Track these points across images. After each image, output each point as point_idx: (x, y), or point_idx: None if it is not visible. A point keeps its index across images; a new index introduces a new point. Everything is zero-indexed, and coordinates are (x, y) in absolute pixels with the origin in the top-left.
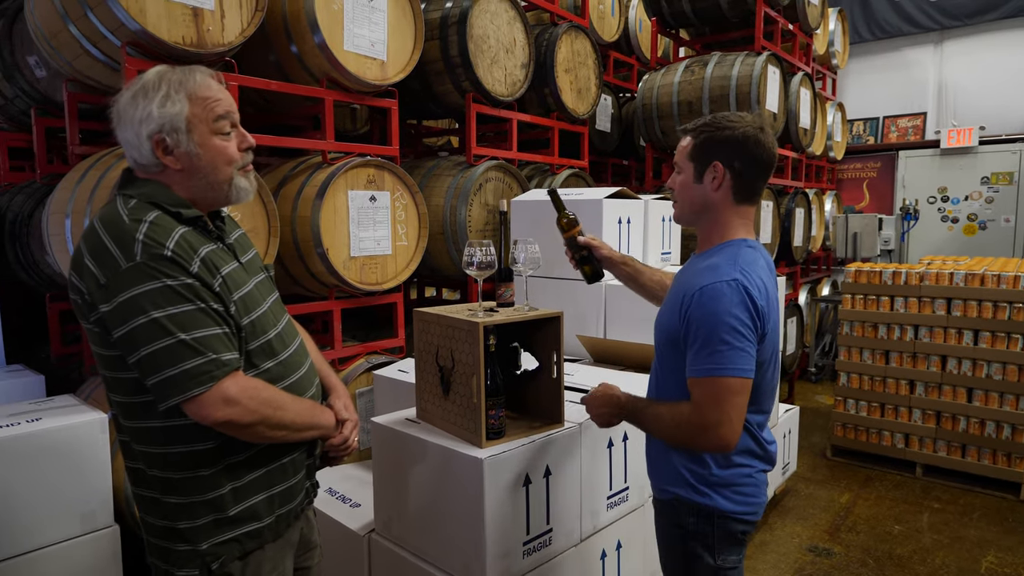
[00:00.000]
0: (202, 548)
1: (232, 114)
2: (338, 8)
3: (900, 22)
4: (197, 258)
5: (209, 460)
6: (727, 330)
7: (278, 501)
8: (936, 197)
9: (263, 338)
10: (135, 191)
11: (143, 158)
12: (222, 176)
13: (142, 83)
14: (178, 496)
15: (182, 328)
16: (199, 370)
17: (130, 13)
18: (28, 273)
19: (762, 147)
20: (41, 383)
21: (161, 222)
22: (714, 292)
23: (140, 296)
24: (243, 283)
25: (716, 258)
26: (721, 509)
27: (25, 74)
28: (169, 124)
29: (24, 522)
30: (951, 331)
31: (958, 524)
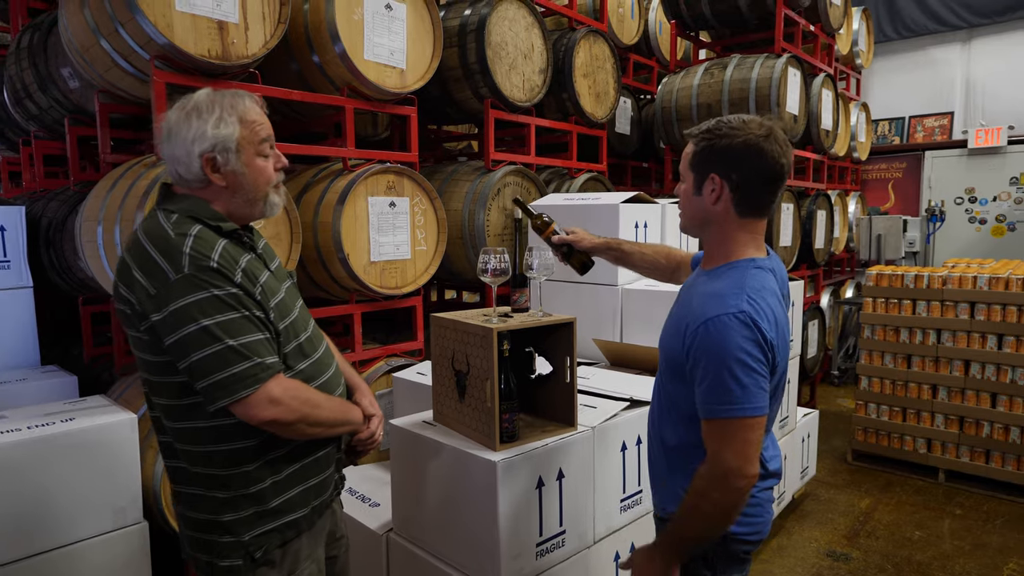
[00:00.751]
0: (245, 539)
1: (271, 137)
2: (358, 18)
3: (927, 20)
4: (239, 268)
5: (251, 457)
6: (739, 367)
7: (313, 493)
8: (963, 198)
9: (296, 341)
10: (175, 206)
11: (189, 174)
12: (260, 193)
13: (194, 103)
14: (223, 491)
15: (229, 335)
16: (246, 374)
17: (158, 28)
18: (62, 277)
19: (764, 157)
20: (74, 384)
21: (204, 235)
22: (721, 327)
23: (190, 305)
24: (276, 290)
25: (722, 283)
26: None
27: (59, 85)
28: (222, 144)
29: (58, 517)
30: (975, 335)
31: (980, 531)
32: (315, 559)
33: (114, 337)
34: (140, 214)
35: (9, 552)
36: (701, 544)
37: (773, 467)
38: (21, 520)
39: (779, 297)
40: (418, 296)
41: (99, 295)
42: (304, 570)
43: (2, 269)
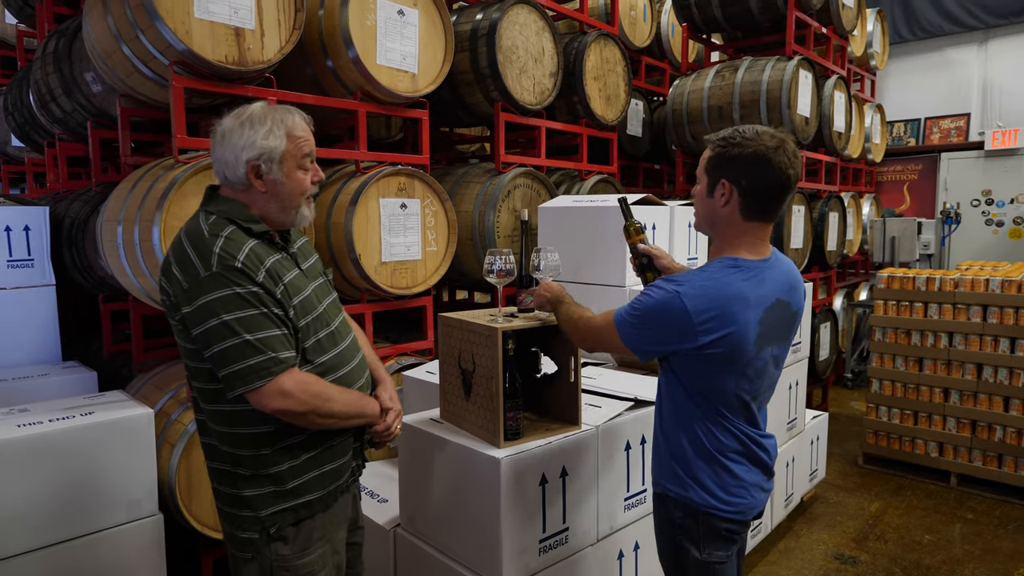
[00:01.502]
0: (262, 515)
1: (313, 153)
2: (371, 24)
3: (942, 21)
4: (263, 269)
5: (270, 441)
6: (642, 317)
7: (328, 478)
8: (980, 200)
9: (317, 335)
10: (215, 208)
11: (234, 176)
12: (294, 203)
13: (249, 114)
14: (244, 469)
15: (247, 330)
16: (260, 366)
17: (177, 35)
18: (83, 275)
19: (772, 168)
20: (94, 379)
21: (235, 236)
22: (662, 292)
23: (214, 301)
24: (302, 288)
25: (693, 272)
26: (701, 504)
27: (82, 89)
28: (268, 155)
29: (75, 508)
30: (987, 338)
31: (992, 536)
32: (329, 540)
33: (133, 334)
34: (159, 215)
35: (28, 541)
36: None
37: (762, 455)
38: (40, 510)
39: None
40: (428, 296)
41: (118, 293)
42: (316, 549)
43: (26, 267)
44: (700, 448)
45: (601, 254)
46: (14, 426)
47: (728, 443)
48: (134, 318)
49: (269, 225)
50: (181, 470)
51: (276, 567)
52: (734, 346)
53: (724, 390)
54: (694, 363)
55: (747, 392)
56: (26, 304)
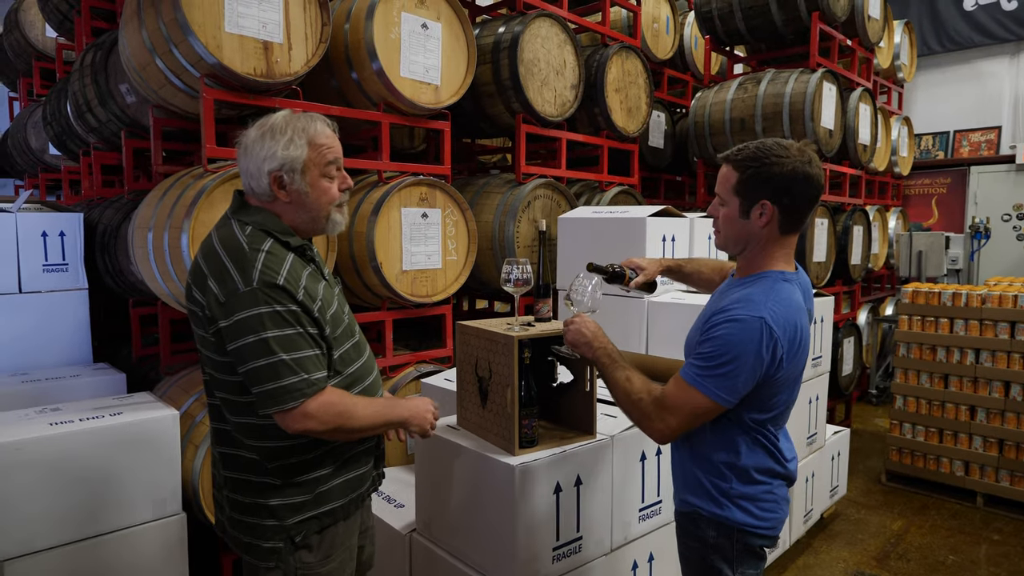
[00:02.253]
0: (288, 523)
1: (339, 159)
2: (395, 37)
3: (972, 33)
4: (301, 286)
5: (299, 451)
6: (734, 361)
7: (351, 486)
8: (1011, 215)
9: (345, 346)
10: (249, 218)
11: (259, 188)
12: (323, 212)
13: (271, 124)
14: (272, 478)
15: (284, 349)
16: (294, 387)
17: (208, 48)
18: (114, 280)
19: (811, 182)
20: (122, 381)
21: (275, 251)
22: (741, 324)
23: (252, 318)
24: (331, 301)
25: (751, 289)
26: (740, 523)
27: (117, 100)
28: (289, 165)
29: (103, 505)
30: (1015, 356)
31: (1019, 557)
32: (348, 547)
33: (160, 338)
34: (188, 222)
35: (57, 536)
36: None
37: (791, 468)
38: (69, 507)
39: (802, 309)
40: (448, 305)
41: (148, 298)
42: (337, 556)
43: (60, 271)
44: (739, 467)
45: None
46: (46, 424)
47: (764, 460)
48: (162, 322)
49: (300, 235)
50: (205, 470)
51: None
52: (803, 360)
53: (777, 406)
54: (763, 386)
55: (791, 405)
56: (60, 307)
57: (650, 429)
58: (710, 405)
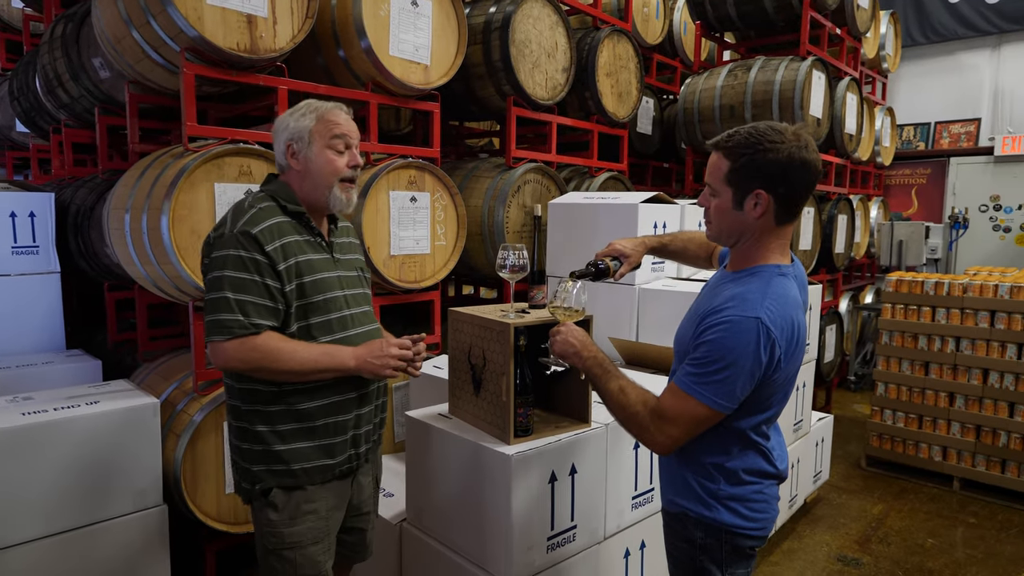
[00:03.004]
0: (253, 469)
1: (347, 137)
2: (385, 14)
3: (956, 25)
4: (278, 242)
5: (265, 400)
6: (731, 366)
7: (318, 453)
8: (988, 206)
9: (324, 317)
10: (267, 187)
11: (281, 159)
12: (325, 182)
13: (296, 107)
14: (243, 422)
15: (232, 289)
16: (226, 323)
17: (189, 20)
18: (88, 263)
19: (808, 168)
20: (98, 368)
21: (267, 209)
22: (736, 326)
23: (221, 257)
24: (320, 270)
25: (746, 287)
26: (729, 524)
27: (90, 75)
28: (297, 134)
29: (80, 498)
30: (994, 344)
31: (994, 540)
32: (325, 518)
33: (138, 323)
34: (168, 203)
35: (33, 529)
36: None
37: (781, 467)
38: (45, 499)
39: (799, 304)
40: (436, 291)
41: (124, 281)
42: (305, 520)
43: (31, 254)
44: (728, 468)
45: None
46: (18, 414)
47: (755, 461)
48: (139, 307)
49: (309, 206)
50: (186, 461)
51: (265, 532)
52: (800, 357)
53: (773, 405)
54: (761, 386)
55: (785, 402)
56: (30, 291)
57: (651, 443)
58: (709, 413)
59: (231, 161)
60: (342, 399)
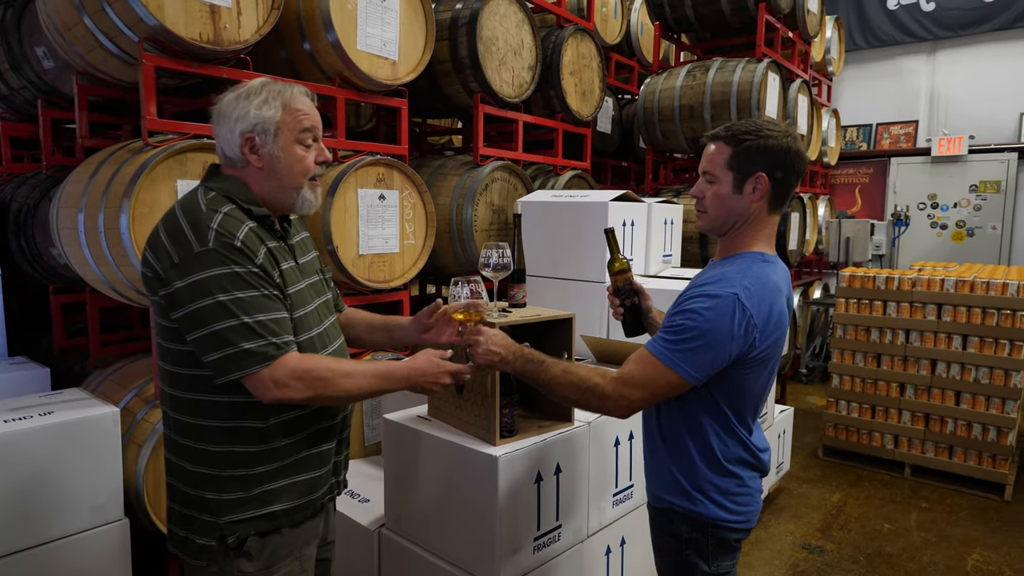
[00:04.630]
0: (221, 521)
1: (316, 129)
2: (352, 7)
3: (895, 31)
4: (262, 250)
5: (245, 439)
6: (704, 336)
7: (300, 490)
8: (926, 204)
9: (308, 334)
10: (215, 184)
11: (231, 152)
12: (294, 182)
13: (247, 88)
14: (210, 468)
15: (246, 312)
16: (259, 351)
17: (149, 9)
18: (32, 265)
19: (800, 157)
20: (46, 376)
21: (234, 215)
22: (713, 299)
23: (210, 279)
24: (295, 282)
25: (728, 268)
26: (714, 518)
27: (32, 65)
28: (261, 125)
29: (34, 515)
30: (941, 336)
31: (945, 523)
32: (299, 559)
33: (90, 328)
34: (127, 201)
35: None
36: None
37: (765, 458)
38: None
39: (779, 290)
40: (406, 291)
41: (72, 284)
42: (282, 567)
43: None
44: (711, 459)
45: (582, 250)
46: None
47: (736, 451)
48: (91, 311)
49: (269, 208)
50: (149, 472)
51: None
52: (780, 343)
53: (755, 394)
54: (738, 369)
55: (766, 392)
56: None
57: (613, 408)
58: (677, 380)
59: (194, 157)
60: (328, 425)
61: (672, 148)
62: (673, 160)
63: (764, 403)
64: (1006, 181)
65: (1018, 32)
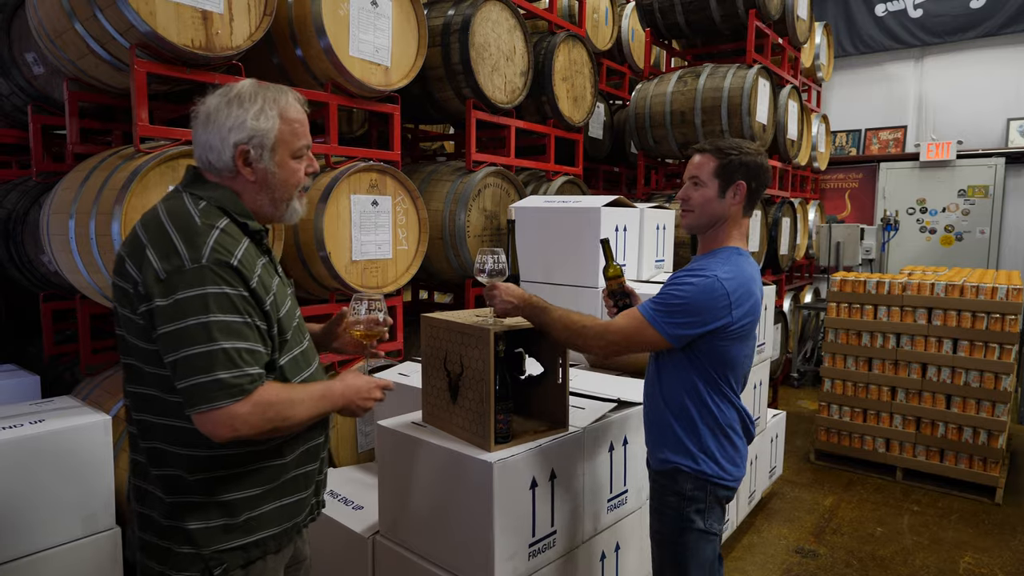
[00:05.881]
0: (206, 552)
1: (308, 138)
2: (344, 14)
3: (883, 38)
4: (255, 275)
5: (229, 464)
6: (686, 307)
7: (286, 514)
8: (915, 208)
9: (294, 351)
10: (205, 193)
11: (220, 162)
12: (286, 195)
13: (237, 92)
14: (192, 495)
15: (226, 337)
16: (229, 383)
17: (140, 15)
18: (22, 272)
19: (769, 171)
20: (36, 384)
21: (231, 231)
22: (700, 279)
23: (197, 299)
24: (284, 299)
25: (709, 260)
26: (712, 475)
27: (22, 70)
28: (258, 139)
29: (25, 525)
30: (931, 339)
31: (937, 526)
32: None
33: (80, 335)
34: (119, 207)
35: None
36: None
37: (752, 428)
38: None
39: (754, 279)
40: (399, 296)
41: (62, 291)
42: None
43: None
44: (712, 422)
45: (575, 256)
46: None
47: (732, 416)
48: (81, 318)
49: (257, 220)
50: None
51: None
52: (754, 321)
53: (736, 364)
54: (719, 340)
55: (748, 366)
56: None
57: (593, 346)
58: (657, 339)
59: (186, 163)
60: (314, 444)
61: (663, 153)
62: (665, 165)
63: (747, 376)
64: (994, 186)
65: (1005, 38)
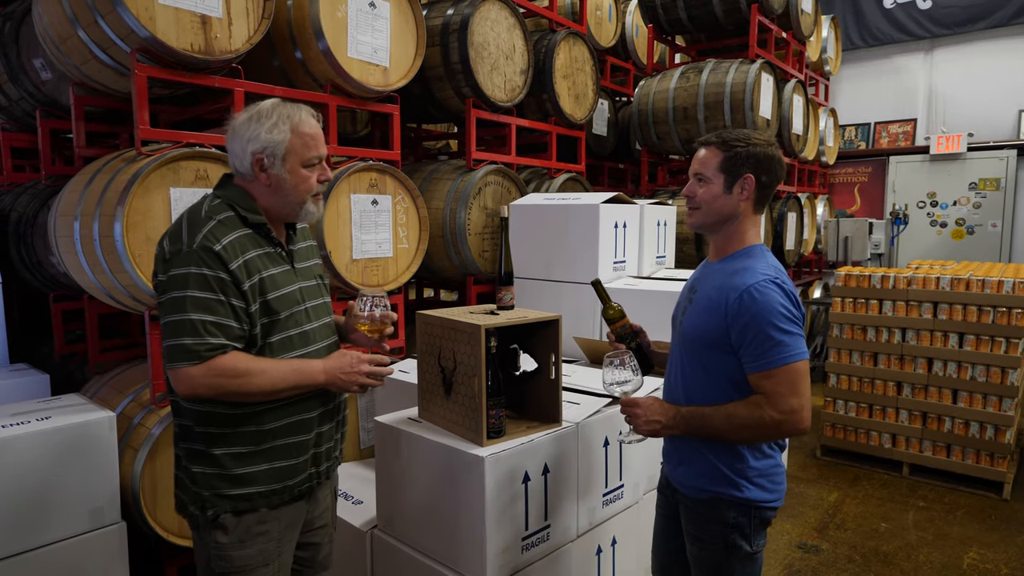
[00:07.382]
0: (204, 494)
1: (321, 150)
2: (342, 15)
3: (891, 30)
4: (241, 259)
5: (222, 421)
6: (783, 320)
7: (277, 475)
8: (925, 202)
9: (285, 333)
10: (222, 192)
11: (242, 167)
12: (298, 199)
13: (258, 109)
14: (196, 443)
15: (195, 309)
16: (190, 348)
17: (140, 20)
18: (32, 273)
19: (781, 164)
20: (46, 382)
21: (228, 223)
22: (761, 289)
23: (181, 276)
24: (284, 285)
25: (747, 261)
26: (758, 500)
27: (31, 76)
28: (270, 149)
29: (32, 518)
30: (937, 334)
31: (942, 522)
32: (277, 539)
33: (88, 335)
34: (121, 209)
35: None
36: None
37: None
38: None
39: None
40: (399, 294)
41: (71, 291)
42: (255, 544)
43: None
44: (752, 445)
45: (573, 252)
46: None
47: None
48: (89, 318)
49: (273, 217)
50: (145, 475)
51: (213, 555)
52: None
53: None
54: None
55: None
56: None
57: (792, 430)
58: (804, 364)
59: (187, 165)
60: (304, 418)
61: (667, 149)
62: (669, 162)
63: None
64: (1005, 178)
65: (1015, 29)
